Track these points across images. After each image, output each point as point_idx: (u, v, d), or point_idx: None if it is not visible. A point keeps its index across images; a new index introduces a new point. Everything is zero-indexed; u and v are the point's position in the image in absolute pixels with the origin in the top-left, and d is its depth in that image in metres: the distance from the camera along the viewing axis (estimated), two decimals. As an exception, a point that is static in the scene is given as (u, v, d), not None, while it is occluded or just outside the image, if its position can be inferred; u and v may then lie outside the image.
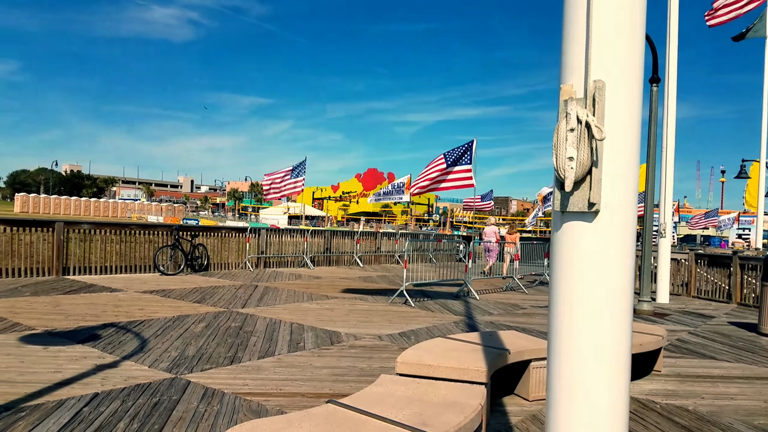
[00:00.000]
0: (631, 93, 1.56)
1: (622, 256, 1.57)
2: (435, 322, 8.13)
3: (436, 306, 9.82)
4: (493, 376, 4.76)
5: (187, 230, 13.93)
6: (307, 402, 4.26)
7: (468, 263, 11.96)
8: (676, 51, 11.86)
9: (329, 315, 8.28)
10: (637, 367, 5.76)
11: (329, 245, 18.15)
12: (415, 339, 6.80)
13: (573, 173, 1.53)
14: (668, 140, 11.97)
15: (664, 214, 12.32)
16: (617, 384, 1.60)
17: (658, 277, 12.37)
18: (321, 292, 10.88)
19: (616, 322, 1.59)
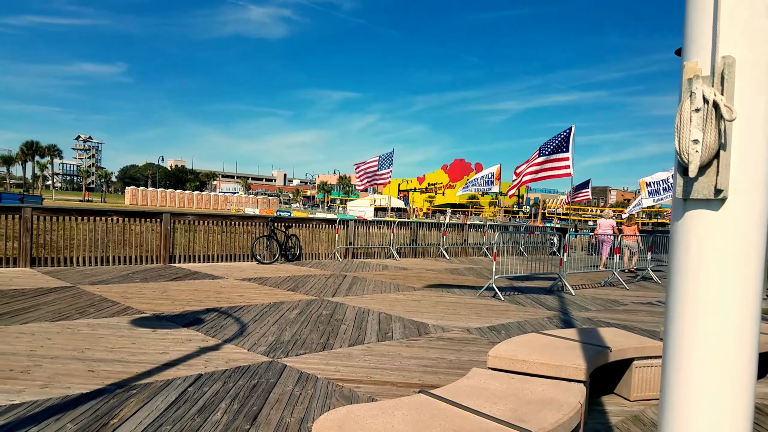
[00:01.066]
0: (764, 69, 1.40)
1: (751, 249, 1.42)
2: (527, 317, 7.91)
3: (527, 300, 9.55)
4: (592, 375, 4.56)
5: (281, 221, 14.53)
6: (397, 391, 4.30)
7: (563, 256, 11.51)
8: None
9: (416, 306, 8.30)
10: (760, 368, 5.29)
11: (415, 237, 18.19)
12: (505, 333, 6.66)
13: (698, 157, 1.40)
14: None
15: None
16: (741, 389, 1.45)
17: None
18: (407, 284, 10.94)
19: (743, 322, 1.44)
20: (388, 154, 18.41)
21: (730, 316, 1.45)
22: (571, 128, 9.78)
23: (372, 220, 18.33)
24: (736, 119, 1.39)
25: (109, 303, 7.25)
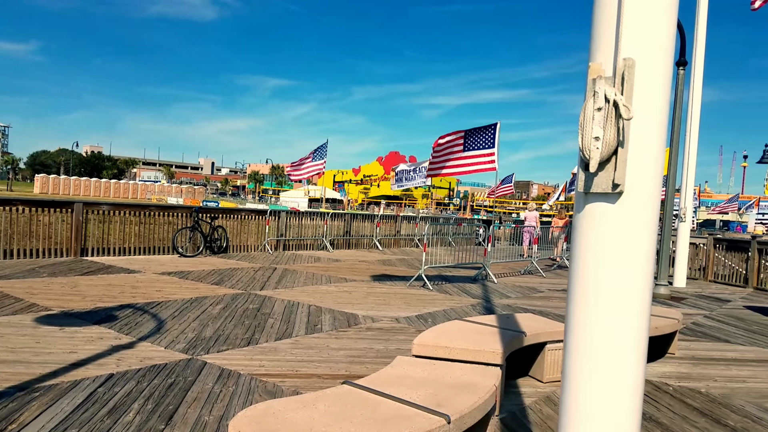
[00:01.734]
0: (661, 72, 1.50)
1: (644, 239, 1.53)
2: (453, 305, 8.12)
3: (454, 289, 9.81)
4: (509, 358, 4.76)
5: (206, 212, 14.04)
6: (323, 383, 4.29)
7: (487, 247, 11.91)
8: (704, 34, 11.56)
9: (347, 297, 8.31)
10: (651, 350, 5.72)
11: (349, 228, 18.18)
12: (432, 322, 6.81)
13: (598, 153, 1.49)
14: (692, 124, 11.73)
15: (685, 199, 12.13)
16: (633, 366, 1.57)
17: (676, 261, 12.24)
18: (340, 275, 10.93)
19: (635, 305, 1.55)
20: (323, 145, 18.26)
21: (624, 300, 1.55)
22: (496, 124, 10.09)
23: (305, 212, 18.13)
24: (634, 118, 1.49)
25: (12, 300, 6.73)
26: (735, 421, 4.02)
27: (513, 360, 4.86)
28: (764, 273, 12.45)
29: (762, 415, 4.18)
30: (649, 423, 3.90)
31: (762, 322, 8.28)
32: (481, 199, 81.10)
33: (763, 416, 4.16)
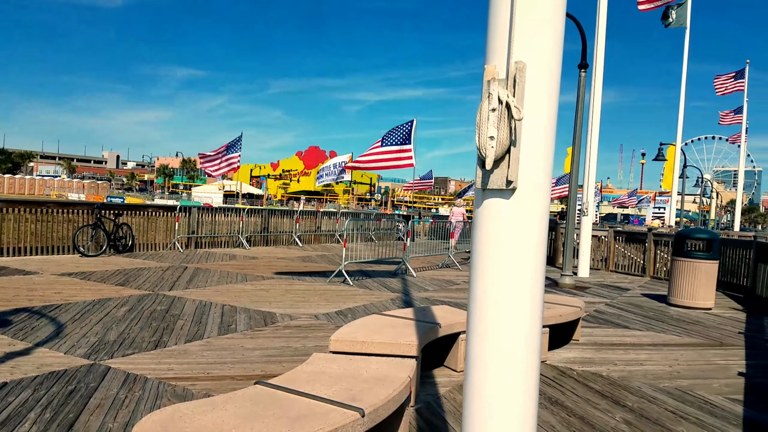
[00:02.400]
0: (550, 75, 1.60)
1: (536, 232, 1.63)
2: (372, 300, 8.20)
3: (374, 284, 9.90)
4: (426, 349, 4.89)
5: (110, 209, 13.22)
6: (237, 384, 4.20)
7: (406, 241, 12.12)
8: (603, 39, 12.37)
9: (264, 296, 8.16)
10: (557, 337, 6.08)
11: (267, 224, 17.81)
12: (351, 317, 6.84)
13: (493, 152, 1.56)
14: (593, 124, 12.54)
15: (587, 194, 12.95)
16: (528, 352, 1.67)
17: (580, 253, 13.05)
18: (256, 273, 10.70)
19: (529, 295, 1.65)
20: (237, 138, 17.75)
21: (519, 290, 1.65)
22: (413, 121, 10.30)
23: (219, 207, 17.51)
24: (524, 119, 1.58)
25: None
26: (633, 402, 4.35)
27: (429, 351, 4.99)
28: (660, 263, 13.56)
29: (656, 395, 4.55)
30: (554, 407, 4.15)
31: (657, 308, 9.02)
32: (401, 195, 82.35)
33: (657, 396, 4.53)
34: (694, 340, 6.72)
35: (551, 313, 5.53)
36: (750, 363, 5.74)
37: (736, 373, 5.31)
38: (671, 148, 24.90)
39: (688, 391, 4.67)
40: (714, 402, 4.43)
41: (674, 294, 9.32)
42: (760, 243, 10.63)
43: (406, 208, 42.33)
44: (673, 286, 9.36)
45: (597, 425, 3.82)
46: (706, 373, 5.29)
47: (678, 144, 23.99)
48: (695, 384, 4.89)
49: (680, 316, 8.39)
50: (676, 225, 27.15)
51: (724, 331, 7.38)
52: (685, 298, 9.16)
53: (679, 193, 29.20)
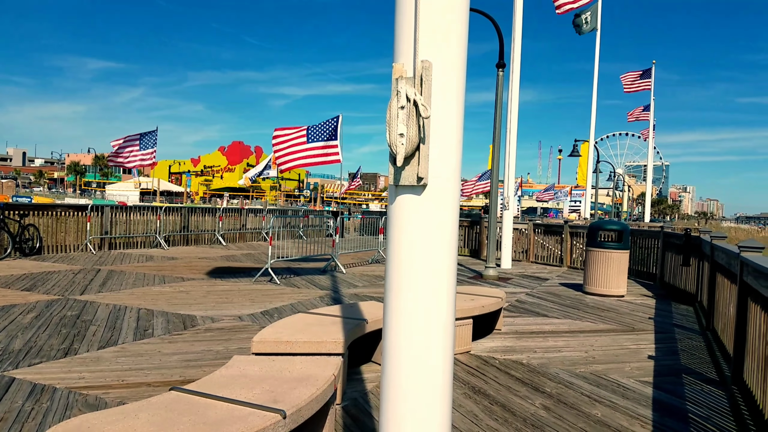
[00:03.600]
0: (456, 74, 1.63)
1: (448, 226, 1.66)
2: (300, 298, 8.10)
3: (302, 282, 9.79)
4: (354, 346, 4.89)
5: (14, 209, 12.25)
6: (153, 392, 4.01)
7: (336, 238, 12.06)
8: (520, 39, 12.85)
9: (184, 298, 7.85)
10: (480, 327, 6.28)
11: (187, 223, 17.15)
12: (278, 317, 6.73)
13: (403, 149, 1.58)
14: (512, 122, 13.01)
15: (508, 189, 13.44)
16: (443, 343, 1.70)
17: (502, 246, 13.53)
18: (176, 274, 10.28)
19: (442, 287, 1.68)
20: (151, 132, 16.93)
21: (432, 283, 1.67)
22: (338, 117, 10.26)
23: (134, 206, 16.66)
24: (433, 117, 1.60)
25: None
26: (551, 388, 4.55)
27: (358, 347, 5.00)
28: (576, 253, 14.31)
29: (573, 380, 4.78)
30: (477, 395, 4.27)
31: (574, 297, 9.50)
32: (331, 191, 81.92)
33: (573, 381, 4.76)
34: (608, 327, 7.13)
35: (475, 305, 5.69)
36: (658, 347, 6.16)
37: (646, 357, 5.68)
38: (585, 144, 26.34)
39: (603, 376, 4.95)
40: (626, 385, 4.72)
41: (589, 283, 9.86)
42: (667, 233, 11.44)
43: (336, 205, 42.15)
44: (588, 276, 9.90)
45: (517, 412, 3.97)
46: (619, 357, 5.62)
47: (591, 141, 25.42)
48: (609, 368, 5.20)
49: (595, 303, 8.88)
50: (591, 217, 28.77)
51: (635, 317, 7.88)
52: (600, 286, 9.71)
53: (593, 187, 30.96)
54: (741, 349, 4.67)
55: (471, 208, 72.68)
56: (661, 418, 3.94)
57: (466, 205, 73.02)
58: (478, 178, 26.12)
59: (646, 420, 3.90)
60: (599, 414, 3.99)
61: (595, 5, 22.67)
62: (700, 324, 7.53)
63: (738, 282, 4.82)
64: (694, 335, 6.81)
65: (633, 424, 3.82)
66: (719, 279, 6.49)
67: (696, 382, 4.85)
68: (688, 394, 4.51)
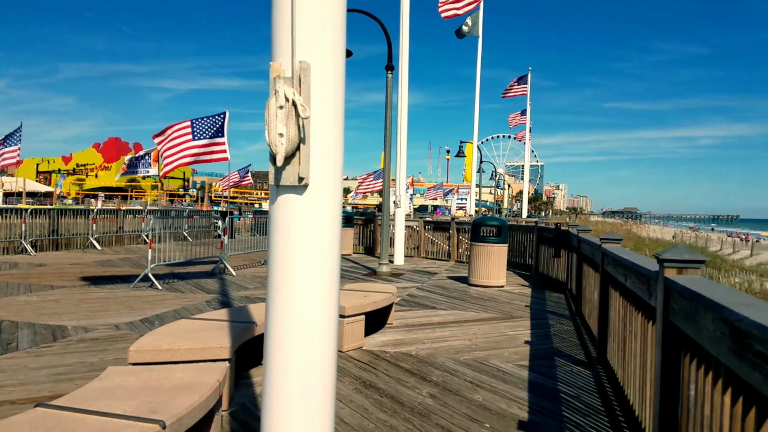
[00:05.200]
0: (335, 75, 1.66)
1: (330, 226, 1.69)
2: (185, 304, 7.73)
3: (187, 287, 9.33)
4: (245, 350, 4.76)
5: None
6: (18, 409, 3.64)
7: (224, 239, 11.63)
8: (407, 43, 13.22)
9: (53, 307, 7.18)
10: (373, 322, 6.41)
11: (56, 227, 15.63)
12: (159, 324, 6.36)
13: (283, 149, 1.58)
14: (402, 123, 13.38)
15: (400, 188, 13.81)
16: (325, 343, 1.73)
17: (395, 243, 13.89)
18: (44, 282, 9.36)
19: (325, 287, 1.71)
20: (16, 129, 15.34)
21: (315, 283, 1.69)
22: (225, 113, 9.89)
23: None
24: (313, 117, 1.62)
25: None
26: (438, 376, 4.75)
27: (249, 351, 4.87)
28: (462, 248, 15.02)
29: (457, 368, 5.03)
30: (368, 390, 4.35)
31: (460, 289, 9.98)
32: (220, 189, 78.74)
33: (458, 368, 5.01)
34: (490, 315, 7.59)
35: (367, 301, 5.79)
36: (534, 332, 6.66)
37: (523, 342, 6.12)
38: (469, 145, 27.75)
39: (484, 362, 5.27)
40: (505, 369, 5.05)
41: (473, 275, 10.42)
42: (540, 227, 12.38)
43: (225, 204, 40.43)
44: (472, 268, 10.46)
45: (406, 402, 4.11)
46: (499, 344, 6.01)
47: (475, 142, 26.82)
48: (490, 354, 5.53)
49: (479, 294, 9.41)
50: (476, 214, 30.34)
51: (513, 305, 8.45)
52: (482, 278, 10.30)
53: (477, 185, 32.68)
54: (604, 331, 5.19)
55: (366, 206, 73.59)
56: (536, 399, 4.27)
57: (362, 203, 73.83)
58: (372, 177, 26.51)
59: (522, 402, 4.21)
60: (481, 398, 4.25)
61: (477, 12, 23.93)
62: (570, 310, 8.25)
63: (600, 271, 5.34)
64: (565, 320, 7.44)
65: (511, 406, 4.11)
66: (585, 268, 7.15)
67: (567, 364, 5.31)
68: (559, 375, 4.93)
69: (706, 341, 1.99)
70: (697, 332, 2.11)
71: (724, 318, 1.76)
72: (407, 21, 13.12)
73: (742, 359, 1.63)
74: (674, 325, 2.46)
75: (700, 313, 2.06)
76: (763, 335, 1.44)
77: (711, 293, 1.96)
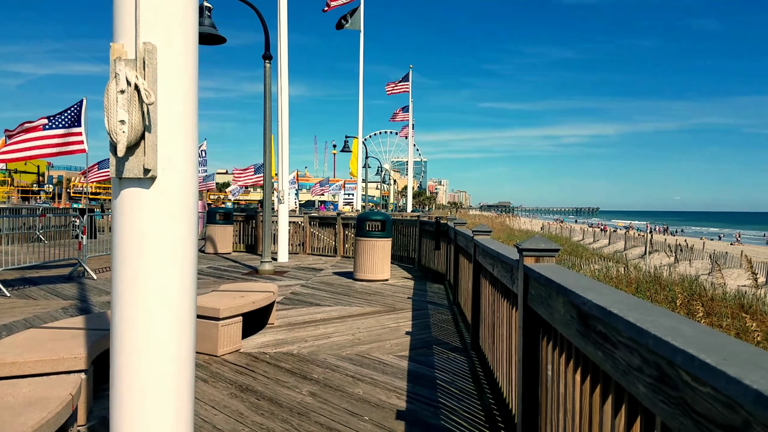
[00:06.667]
0: (186, 60, 1.53)
1: (184, 220, 1.56)
2: (38, 312, 6.93)
3: (40, 293, 8.39)
4: (101, 360, 4.35)
5: None
6: None
7: (83, 239, 10.59)
8: (286, 32, 12.94)
9: None
10: (253, 323, 6.20)
11: None
12: (6, 334, 5.63)
13: (125, 137, 1.42)
14: (283, 115, 13.07)
15: (283, 182, 13.52)
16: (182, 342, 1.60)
17: (279, 239, 13.59)
18: None
19: (177, 287, 1.58)
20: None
21: (166, 282, 1.56)
22: (82, 101, 8.98)
23: None
24: (161, 104, 1.48)
25: None
26: (319, 374, 4.69)
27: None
28: (348, 243, 15.07)
29: (339, 363, 5.01)
30: (245, 393, 4.18)
31: (345, 284, 9.99)
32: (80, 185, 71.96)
33: (340, 364, 4.99)
34: (374, 309, 7.68)
35: (245, 301, 5.58)
36: (415, 323, 6.84)
37: (404, 333, 6.26)
38: (355, 140, 27.98)
39: (366, 355, 5.31)
40: (386, 361, 5.13)
41: (359, 270, 10.51)
42: (423, 221, 12.79)
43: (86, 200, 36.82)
44: (358, 263, 10.54)
45: (284, 402, 4.01)
46: (381, 336, 6.09)
47: (360, 137, 27.09)
48: (372, 347, 5.59)
49: (364, 289, 9.49)
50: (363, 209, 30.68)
51: (396, 297, 8.63)
52: (367, 272, 10.41)
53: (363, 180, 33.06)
54: (477, 318, 5.47)
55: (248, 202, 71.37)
56: (414, 388, 4.38)
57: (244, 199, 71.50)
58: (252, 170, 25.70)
59: (401, 391, 4.29)
60: (361, 392, 4.27)
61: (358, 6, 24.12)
62: (449, 299, 8.61)
63: (473, 261, 5.62)
64: (444, 310, 7.75)
65: (390, 396, 4.18)
66: (461, 259, 7.50)
67: (444, 351, 5.52)
68: (437, 363, 5.10)
69: (559, 324, 2.14)
70: (551, 316, 2.26)
71: (572, 302, 1.89)
72: (285, 8, 12.83)
73: (587, 340, 1.77)
74: (533, 310, 2.63)
75: (553, 298, 2.21)
76: (603, 317, 1.56)
77: (561, 279, 2.11)
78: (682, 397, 1.08)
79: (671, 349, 1.10)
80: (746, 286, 13.69)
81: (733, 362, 0.93)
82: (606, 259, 21.88)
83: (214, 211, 16.22)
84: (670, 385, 1.14)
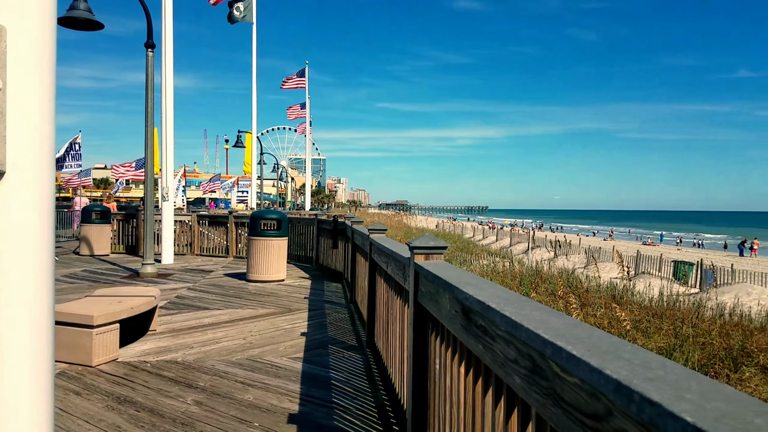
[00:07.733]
0: (42, 42, 1.36)
1: (39, 222, 1.39)
2: None
3: None
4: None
5: None
6: None
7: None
8: (171, 21, 12.19)
9: None
10: (132, 330, 5.78)
11: None
12: None
13: (-37, 126, 1.23)
14: (167, 107, 12.29)
15: (167, 178, 12.74)
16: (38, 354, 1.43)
17: (163, 239, 12.79)
18: None
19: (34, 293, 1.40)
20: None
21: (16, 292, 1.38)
22: None
23: None
24: (9, 91, 1.30)
25: None
26: (206, 381, 4.45)
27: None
28: (241, 243, 14.56)
29: (228, 369, 4.79)
30: (123, 405, 3.88)
31: (238, 286, 9.62)
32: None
33: (229, 370, 4.78)
34: (268, 311, 7.47)
35: (122, 307, 5.18)
36: (311, 323, 6.75)
37: (299, 334, 6.15)
38: (249, 135, 27.14)
39: (258, 359, 5.14)
40: (279, 364, 5.00)
41: (252, 270, 10.19)
42: (320, 220, 12.68)
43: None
44: (251, 263, 10.22)
45: (167, 413, 3.77)
46: (275, 339, 5.93)
47: (254, 132, 26.34)
48: (265, 351, 5.43)
49: (257, 290, 9.21)
50: (258, 207, 29.87)
51: (292, 298, 8.47)
52: (262, 273, 10.12)
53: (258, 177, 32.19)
54: (372, 316, 5.51)
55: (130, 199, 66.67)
56: (308, 390, 4.32)
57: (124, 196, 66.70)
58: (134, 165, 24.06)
59: (294, 394, 4.21)
60: (251, 398, 4.13)
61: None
62: (346, 298, 8.62)
63: (369, 259, 5.66)
64: (341, 308, 7.74)
65: (282, 400, 4.08)
66: (358, 257, 7.53)
67: (339, 351, 5.51)
68: (332, 363, 5.07)
69: (445, 319, 2.20)
70: (439, 312, 2.32)
71: (456, 297, 1.94)
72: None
73: (469, 333, 1.82)
74: (422, 306, 2.69)
75: (440, 294, 2.27)
76: (483, 311, 1.61)
77: (447, 275, 2.17)
78: (552, 387, 1.14)
79: (542, 341, 1.15)
80: (617, 278, 15.15)
81: (595, 353, 1.00)
82: (494, 254, 23.14)
83: (90, 209, 14.97)
84: (542, 376, 1.20)
